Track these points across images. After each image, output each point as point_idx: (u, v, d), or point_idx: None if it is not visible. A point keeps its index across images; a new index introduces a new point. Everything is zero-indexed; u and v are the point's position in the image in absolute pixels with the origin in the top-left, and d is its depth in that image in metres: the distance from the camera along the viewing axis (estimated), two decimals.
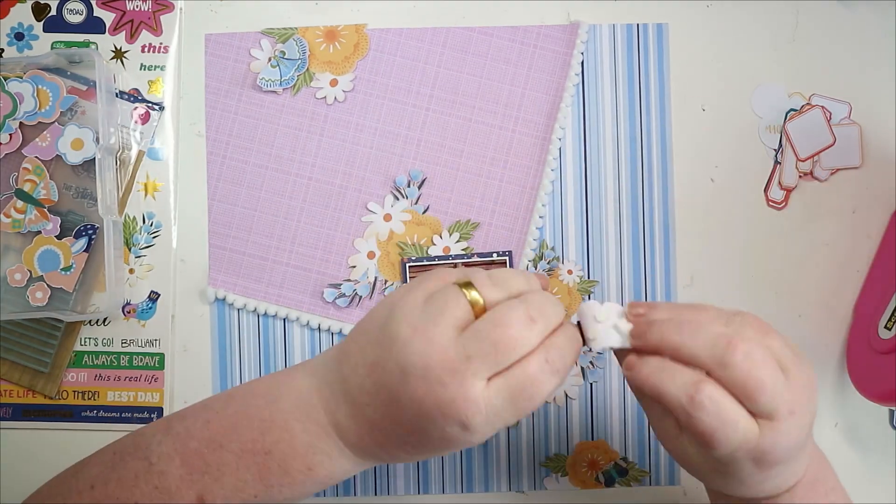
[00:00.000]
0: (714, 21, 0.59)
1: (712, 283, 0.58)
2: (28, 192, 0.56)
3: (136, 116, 0.59)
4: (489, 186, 0.58)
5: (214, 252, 0.58)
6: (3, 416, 0.58)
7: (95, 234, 0.57)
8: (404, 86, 0.59)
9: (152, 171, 0.59)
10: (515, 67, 0.59)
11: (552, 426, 0.58)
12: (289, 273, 0.58)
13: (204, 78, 0.59)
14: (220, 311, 0.58)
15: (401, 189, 0.58)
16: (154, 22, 0.59)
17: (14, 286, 0.56)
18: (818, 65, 0.59)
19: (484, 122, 0.59)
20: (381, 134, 0.59)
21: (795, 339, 0.57)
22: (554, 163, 0.58)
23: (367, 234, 0.58)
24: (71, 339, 0.58)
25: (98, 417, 0.57)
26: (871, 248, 0.58)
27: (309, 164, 0.58)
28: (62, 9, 0.59)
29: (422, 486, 0.58)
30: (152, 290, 0.58)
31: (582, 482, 0.58)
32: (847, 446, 0.58)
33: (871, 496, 0.58)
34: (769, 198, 0.59)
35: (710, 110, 0.59)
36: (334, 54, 0.59)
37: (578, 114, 0.59)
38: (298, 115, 0.59)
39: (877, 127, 0.59)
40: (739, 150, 0.59)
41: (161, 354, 0.58)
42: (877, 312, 0.54)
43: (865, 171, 0.59)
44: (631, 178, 0.59)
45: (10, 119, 0.56)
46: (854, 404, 0.58)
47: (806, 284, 0.58)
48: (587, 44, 0.59)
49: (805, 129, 0.59)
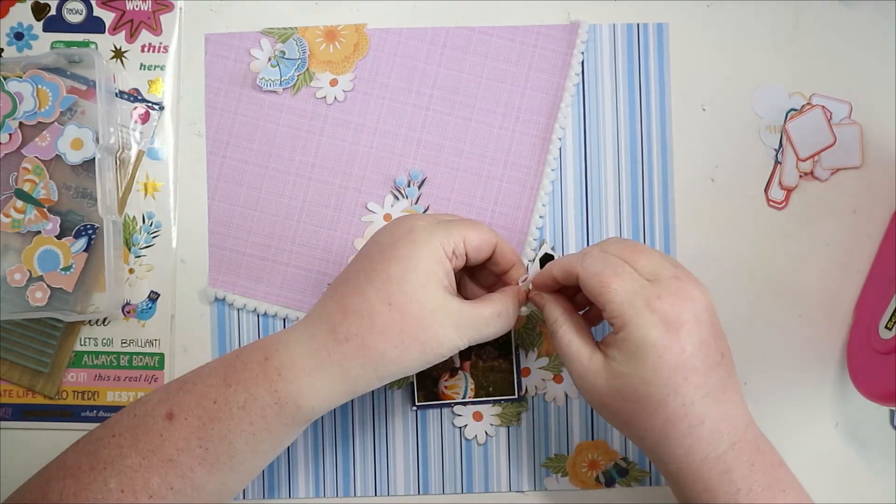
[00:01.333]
0: (714, 21, 0.59)
1: (712, 283, 0.58)
2: (28, 191, 0.56)
3: (136, 116, 0.58)
4: (489, 186, 0.58)
5: (214, 252, 0.58)
6: (3, 416, 0.58)
7: (95, 233, 0.57)
8: (404, 86, 0.59)
9: (152, 170, 0.59)
10: (515, 67, 0.59)
11: (552, 426, 0.58)
12: (289, 273, 0.58)
13: (204, 78, 0.59)
14: (220, 311, 0.58)
15: (401, 189, 0.58)
16: (154, 22, 0.59)
17: (14, 286, 0.56)
18: (818, 64, 0.59)
19: (484, 122, 0.58)
20: (381, 134, 0.59)
21: (795, 339, 0.58)
22: (554, 163, 0.58)
23: (367, 234, 0.58)
24: (71, 339, 0.58)
25: (98, 417, 0.57)
26: (871, 248, 0.58)
27: (309, 164, 0.58)
28: (62, 8, 0.59)
29: (422, 486, 0.58)
30: (152, 290, 0.58)
31: (582, 482, 0.58)
32: (847, 446, 0.58)
33: (871, 496, 0.58)
34: (769, 198, 0.59)
35: (711, 110, 0.59)
36: (334, 54, 0.59)
37: (578, 114, 0.59)
38: (298, 114, 0.59)
39: (877, 127, 0.59)
40: (740, 150, 0.59)
41: (161, 354, 0.58)
42: (877, 312, 0.54)
43: (866, 171, 0.59)
44: (631, 177, 0.59)
45: (10, 119, 0.56)
46: (854, 404, 0.58)
47: (806, 284, 0.58)
48: (587, 44, 0.59)
49: (805, 128, 0.59)
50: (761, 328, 0.58)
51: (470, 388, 0.57)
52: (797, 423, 0.58)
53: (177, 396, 0.47)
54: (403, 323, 0.45)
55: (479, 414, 0.58)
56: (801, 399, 0.58)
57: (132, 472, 0.45)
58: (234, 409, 0.45)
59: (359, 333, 0.46)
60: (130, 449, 0.45)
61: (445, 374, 0.57)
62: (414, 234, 0.47)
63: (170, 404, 0.46)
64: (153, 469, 0.45)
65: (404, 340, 0.45)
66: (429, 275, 0.46)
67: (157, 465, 0.45)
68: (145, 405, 0.47)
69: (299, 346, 0.46)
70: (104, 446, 0.46)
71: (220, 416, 0.45)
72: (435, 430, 0.58)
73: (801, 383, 0.58)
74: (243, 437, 0.45)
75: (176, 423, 0.45)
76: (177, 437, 0.45)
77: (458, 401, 0.57)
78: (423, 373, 0.57)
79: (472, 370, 0.57)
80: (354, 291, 0.47)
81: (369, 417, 0.58)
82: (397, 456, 0.58)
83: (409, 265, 0.46)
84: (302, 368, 0.46)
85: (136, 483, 0.44)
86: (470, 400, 0.57)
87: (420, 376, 0.57)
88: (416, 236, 0.47)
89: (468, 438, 0.58)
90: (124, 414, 0.48)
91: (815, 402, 0.58)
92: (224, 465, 0.46)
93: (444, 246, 0.47)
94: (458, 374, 0.57)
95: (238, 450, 0.46)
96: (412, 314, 0.45)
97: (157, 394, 0.48)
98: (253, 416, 0.45)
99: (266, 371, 0.46)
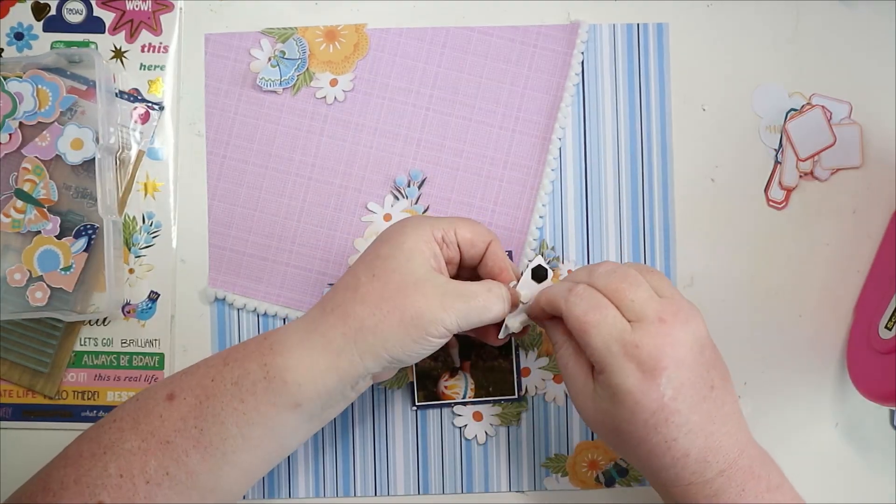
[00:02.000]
0: (714, 21, 0.59)
1: (712, 283, 0.58)
2: (28, 191, 0.56)
3: (136, 116, 0.58)
4: (489, 186, 0.58)
5: (214, 252, 0.58)
6: (3, 416, 0.58)
7: (95, 233, 0.57)
8: (404, 86, 0.59)
9: (152, 170, 0.59)
10: (515, 67, 0.59)
11: (552, 426, 0.58)
12: (289, 273, 0.58)
13: (204, 78, 0.59)
14: (220, 311, 0.58)
15: (401, 189, 0.58)
16: (154, 22, 0.59)
17: (14, 286, 0.56)
18: (818, 64, 0.59)
19: (484, 122, 0.58)
20: (381, 134, 0.59)
21: (795, 339, 0.58)
22: (554, 163, 0.58)
23: (367, 233, 0.58)
24: (71, 339, 0.58)
25: (98, 417, 0.57)
26: (871, 248, 0.58)
27: (309, 164, 0.58)
28: (62, 8, 0.59)
29: (422, 486, 0.58)
30: (152, 290, 0.58)
31: (582, 482, 0.58)
32: (847, 446, 0.58)
33: (871, 496, 0.58)
34: (769, 198, 0.59)
35: (710, 110, 0.59)
36: (334, 54, 0.59)
37: (578, 114, 0.59)
38: (298, 114, 0.59)
39: (877, 127, 0.59)
40: (740, 150, 0.59)
41: (161, 354, 0.58)
42: (877, 312, 0.54)
43: (866, 171, 0.59)
44: (631, 178, 0.59)
45: (10, 119, 0.56)
46: (854, 404, 0.58)
47: (806, 284, 0.58)
48: (587, 44, 0.59)
49: (805, 128, 0.59)
50: (761, 328, 0.58)
51: (470, 388, 0.57)
52: (797, 423, 0.58)
53: (180, 379, 0.48)
54: (384, 291, 0.46)
55: (479, 414, 0.58)
56: (801, 399, 0.58)
57: (131, 455, 0.45)
58: (227, 385, 0.46)
59: (342, 304, 0.47)
60: (131, 432, 0.46)
61: (445, 374, 0.57)
62: (406, 221, 0.49)
63: (172, 386, 0.47)
64: (151, 452, 0.45)
65: (383, 307, 0.46)
66: (414, 251, 0.47)
67: (154, 447, 0.45)
68: (148, 390, 0.48)
69: (295, 324, 0.48)
70: (105, 431, 0.47)
71: (215, 392, 0.46)
72: (435, 430, 0.58)
73: (801, 383, 0.58)
74: (234, 416, 0.45)
75: (175, 402, 0.46)
76: (175, 418, 0.46)
77: (458, 401, 0.57)
78: (423, 372, 0.57)
79: (472, 370, 0.57)
80: (347, 273, 0.49)
81: (369, 417, 0.58)
82: (397, 456, 0.58)
83: (397, 243, 0.48)
84: (292, 342, 0.47)
85: (134, 467, 0.45)
86: (470, 400, 0.57)
87: (420, 376, 0.57)
88: (408, 222, 0.49)
89: (468, 438, 0.58)
90: (128, 401, 0.48)
91: (815, 402, 0.58)
92: (217, 451, 0.45)
93: (433, 231, 0.48)
94: (458, 374, 0.57)
95: (229, 433, 0.45)
96: (394, 283, 0.46)
97: (161, 381, 0.49)
98: (244, 392, 0.46)
99: (261, 347, 0.47)
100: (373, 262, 0.48)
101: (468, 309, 0.47)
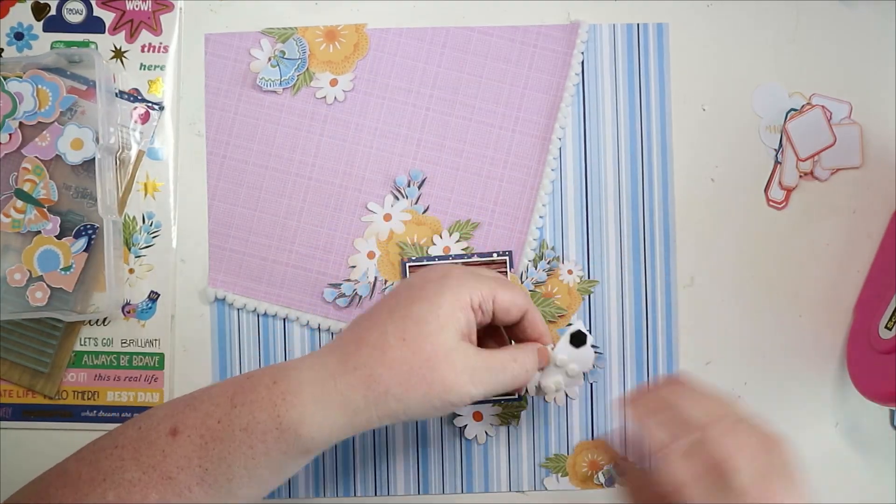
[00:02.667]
0: (714, 21, 0.59)
1: (712, 283, 0.58)
2: (28, 191, 0.56)
3: (136, 116, 0.59)
4: (489, 186, 0.58)
5: (214, 252, 0.58)
6: (3, 416, 0.58)
7: (95, 233, 0.57)
8: (404, 86, 0.59)
9: (152, 170, 0.59)
10: (515, 67, 0.59)
11: (552, 426, 0.58)
12: (289, 273, 0.58)
13: (204, 78, 0.59)
14: (220, 311, 0.58)
15: (401, 189, 0.58)
16: (154, 22, 0.59)
17: (14, 286, 0.56)
18: (818, 64, 0.59)
19: (484, 122, 0.59)
20: (381, 134, 0.59)
21: (795, 339, 0.58)
22: (554, 163, 0.58)
23: (367, 233, 0.58)
24: (71, 339, 0.58)
25: (98, 417, 0.57)
26: (871, 248, 0.58)
27: (309, 164, 0.58)
28: (62, 8, 0.59)
29: (422, 487, 0.58)
30: (152, 290, 0.58)
31: (582, 482, 0.58)
32: (847, 446, 0.58)
33: (871, 496, 0.58)
34: (769, 198, 0.59)
35: (710, 110, 0.59)
36: (334, 54, 0.59)
37: (578, 114, 0.59)
38: (298, 114, 0.59)
39: (877, 127, 0.59)
40: (739, 150, 0.59)
41: (161, 354, 0.58)
42: (877, 312, 0.54)
43: (866, 171, 0.59)
44: (631, 178, 0.59)
45: (10, 119, 0.56)
46: (854, 404, 0.58)
47: (806, 284, 0.58)
48: (587, 44, 0.59)
49: (805, 128, 0.59)
50: (761, 328, 0.58)
51: None
52: (797, 423, 0.58)
53: (182, 413, 0.46)
54: (414, 360, 0.44)
55: (479, 414, 0.58)
56: (801, 399, 0.58)
57: (131, 486, 0.44)
58: (236, 431, 0.45)
59: (368, 364, 0.45)
60: (131, 462, 0.45)
61: None
62: (445, 279, 0.47)
63: (175, 420, 0.46)
64: (152, 485, 0.44)
65: (411, 378, 0.44)
66: (449, 318, 0.45)
67: (156, 481, 0.44)
68: (150, 419, 0.47)
69: (309, 372, 0.46)
70: (105, 457, 0.45)
71: (223, 436, 0.45)
72: (435, 430, 0.58)
73: (801, 383, 0.58)
74: (242, 460, 0.45)
75: (179, 439, 0.45)
76: (178, 455, 0.45)
77: None
78: None
79: None
80: (373, 325, 0.46)
81: None
82: (397, 456, 0.58)
83: (432, 306, 0.45)
84: (307, 395, 0.45)
85: (134, 498, 0.44)
86: None
87: None
88: (447, 281, 0.47)
89: (468, 438, 0.58)
90: (129, 426, 0.47)
91: (815, 402, 0.58)
92: (221, 489, 0.45)
93: (472, 296, 0.46)
94: None
95: (236, 473, 0.45)
96: (424, 353, 0.44)
97: (163, 408, 0.47)
98: (253, 439, 0.44)
99: (272, 395, 0.45)
100: (404, 323, 0.45)
101: (496, 382, 0.46)
